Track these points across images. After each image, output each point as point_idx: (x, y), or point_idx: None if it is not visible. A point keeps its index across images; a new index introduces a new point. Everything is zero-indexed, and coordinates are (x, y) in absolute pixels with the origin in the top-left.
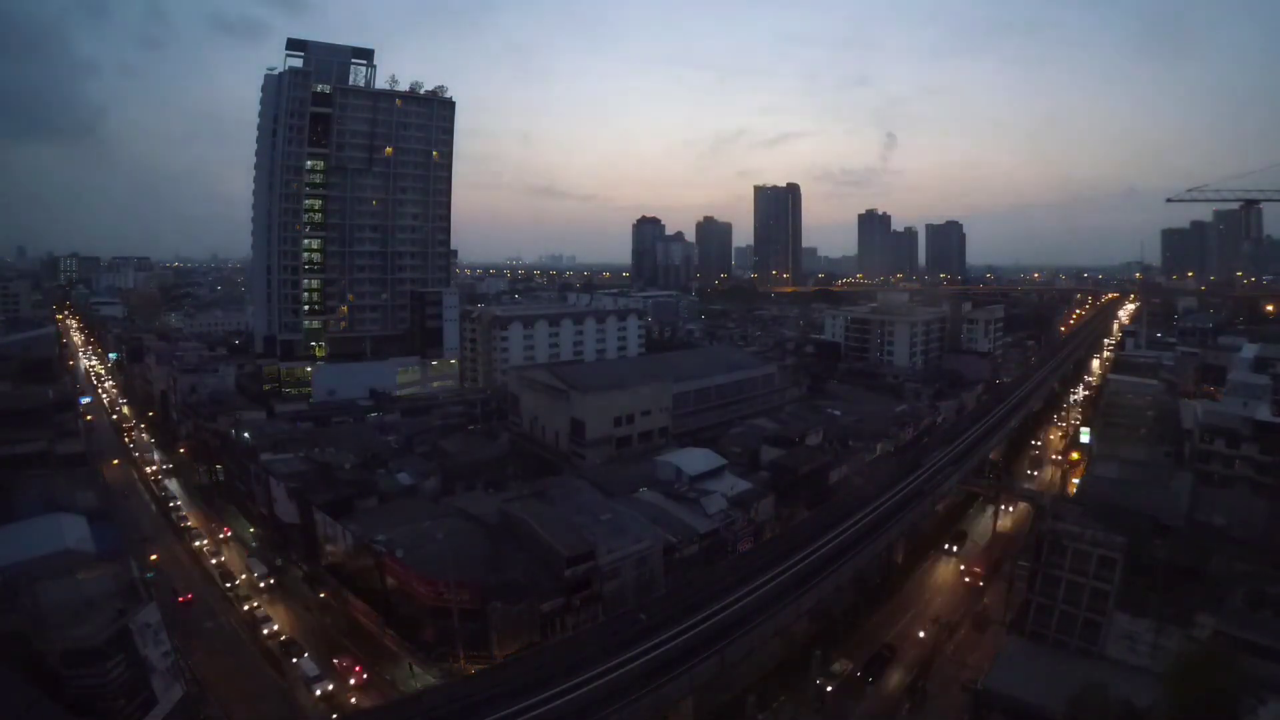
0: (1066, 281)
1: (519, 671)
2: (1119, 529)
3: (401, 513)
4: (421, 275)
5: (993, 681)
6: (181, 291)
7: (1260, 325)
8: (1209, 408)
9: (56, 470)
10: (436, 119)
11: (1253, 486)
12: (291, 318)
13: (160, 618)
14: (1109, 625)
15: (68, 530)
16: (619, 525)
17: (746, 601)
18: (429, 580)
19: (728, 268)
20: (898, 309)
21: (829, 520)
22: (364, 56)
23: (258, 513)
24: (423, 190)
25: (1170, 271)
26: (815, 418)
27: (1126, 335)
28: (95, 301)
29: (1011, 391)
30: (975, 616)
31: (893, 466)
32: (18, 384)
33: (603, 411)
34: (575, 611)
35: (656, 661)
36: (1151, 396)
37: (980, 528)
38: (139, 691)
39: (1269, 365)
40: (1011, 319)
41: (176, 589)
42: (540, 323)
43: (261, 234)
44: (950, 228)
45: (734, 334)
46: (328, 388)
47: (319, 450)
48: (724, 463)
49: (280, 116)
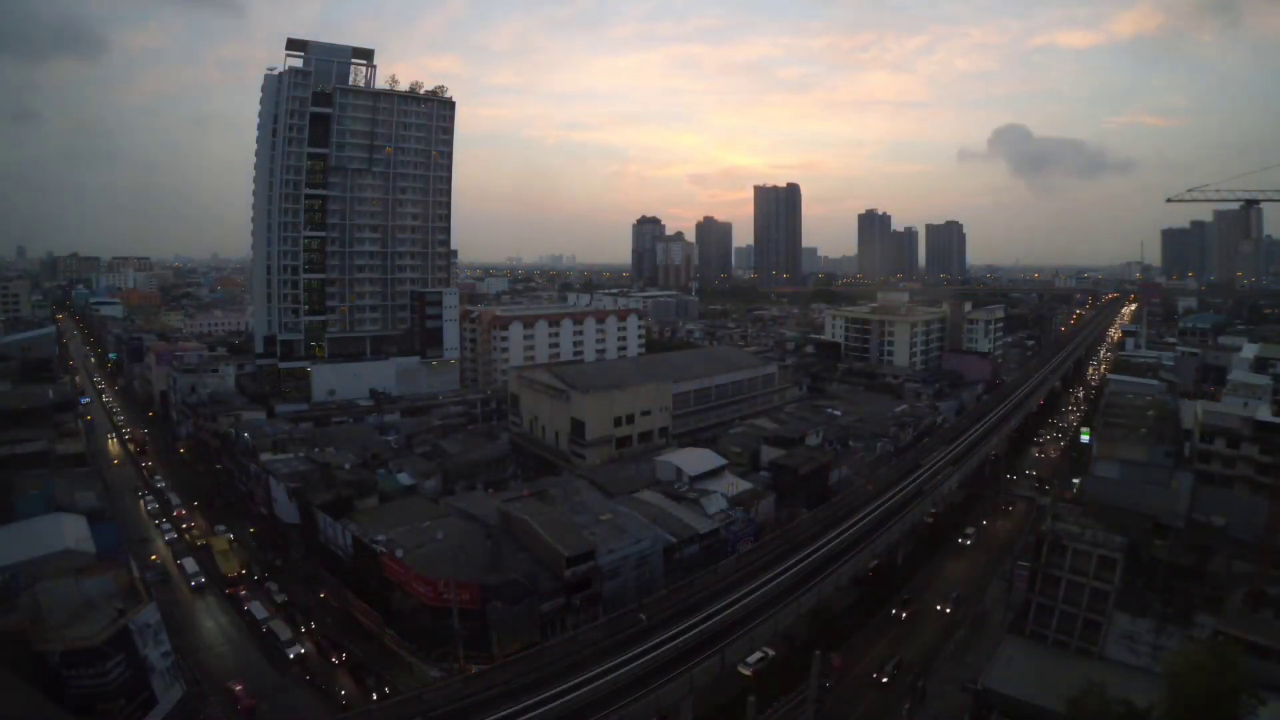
0: (1065, 281)
1: (519, 671)
2: (1119, 529)
3: (401, 513)
4: (421, 275)
5: (993, 681)
6: (181, 291)
7: (1260, 325)
8: (1209, 408)
9: (56, 470)
10: (436, 119)
11: (1253, 486)
12: (291, 318)
13: (160, 618)
14: (1109, 625)
15: (68, 530)
16: (619, 525)
17: (746, 602)
18: (429, 580)
19: (728, 268)
20: (897, 309)
21: (829, 520)
22: (364, 56)
23: (257, 513)
24: (423, 190)
25: (1170, 271)
26: (815, 418)
27: (1126, 335)
28: (95, 301)
29: (1011, 391)
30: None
31: (893, 467)
32: (18, 384)
33: (603, 411)
34: (575, 611)
35: (656, 662)
36: (1151, 396)
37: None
38: (139, 691)
39: (1269, 365)
40: (1011, 319)
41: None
42: (540, 323)
43: (261, 234)
44: (950, 228)
45: (734, 334)
46: (328, 388)
47: (319, 450)
48: (724, 463)
49: (280, 116)
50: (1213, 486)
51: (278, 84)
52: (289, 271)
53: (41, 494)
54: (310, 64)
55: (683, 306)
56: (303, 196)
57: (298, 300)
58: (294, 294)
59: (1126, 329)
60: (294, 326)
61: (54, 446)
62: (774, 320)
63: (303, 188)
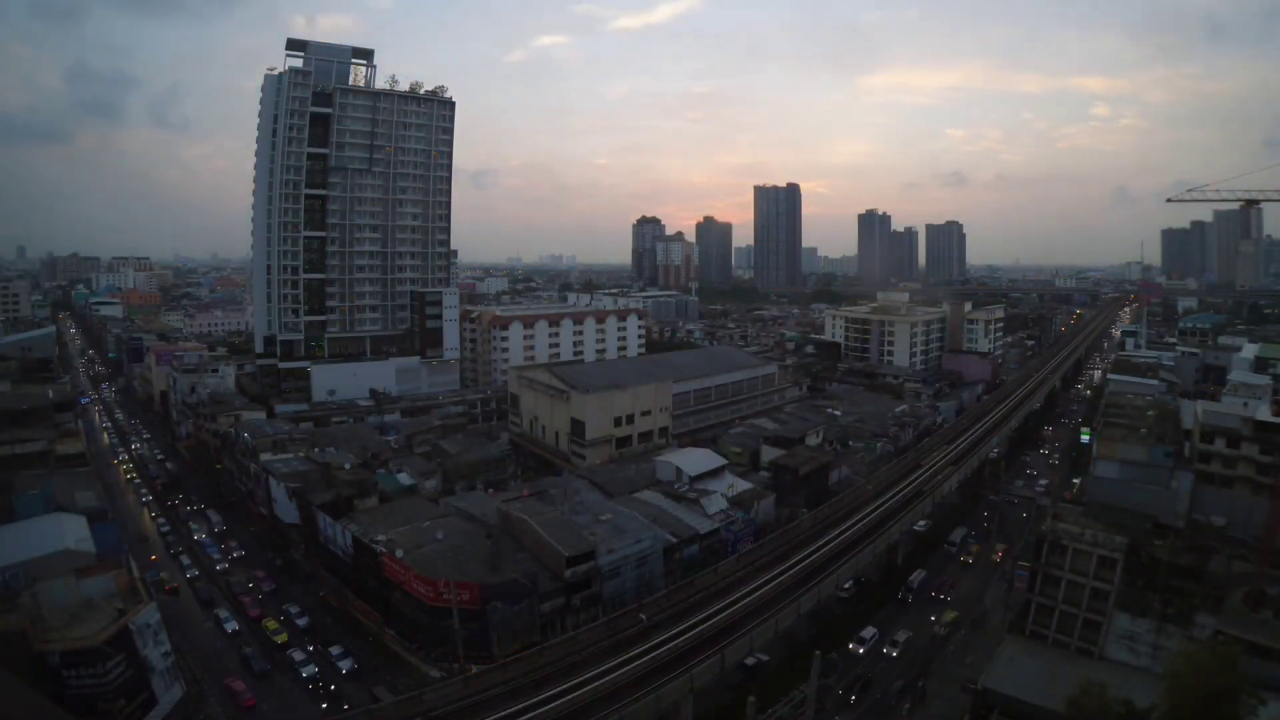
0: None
1: (519, 671)
2: (1119, 529)
3: (401, 513)
4: (421, 275)
5: (993, 681)
6: (181, 291)
7: (1260, 325)
8: (1209, 408)
9: (56, 470)
10: (436, 119)
11: (1253, 486)
12: (291, 318)
13: (160, 618)
14: (1109, 625)
15: (68, 530)
16: (619, 525)
17: (746, 602)
18: (429, 580)
19: (728, 268)
20: (897, 309)
21: (829, 520)
22: (364, 56)
23: (257, 513)
24: (423, 190)
25: (1170, 271)
26: (815, 418)
27: (1126, 335)
28: (95, 301)
29: (1011, 392)
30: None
31: (893, 467)
32: (18, 384)
33: (603, 411)
34: (575, 611)
35: (656, 662)
36: (1151, 396)
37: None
38: (139, 692)
39: (1269, 365)
40: (1011, 319)
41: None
42: (540, 323)
43: (261, 234)
44: (950, 228)
45: (734, 334)
46: (328, 388)
47: (319, 450)
48: (724, 463)
49: (280, 116)
50: (1213, 486)
51: (277, 84)
52: (289, 271)
53: (41, 494)
54: (310, 64)
55: (683, 306)
56: (303, 196)
57: (298, 300)
58: (294, 294)
59: (1126, 329)
60: (294, 326)
61: (54, 446)
62: (774, 320)
63: (303, 188)
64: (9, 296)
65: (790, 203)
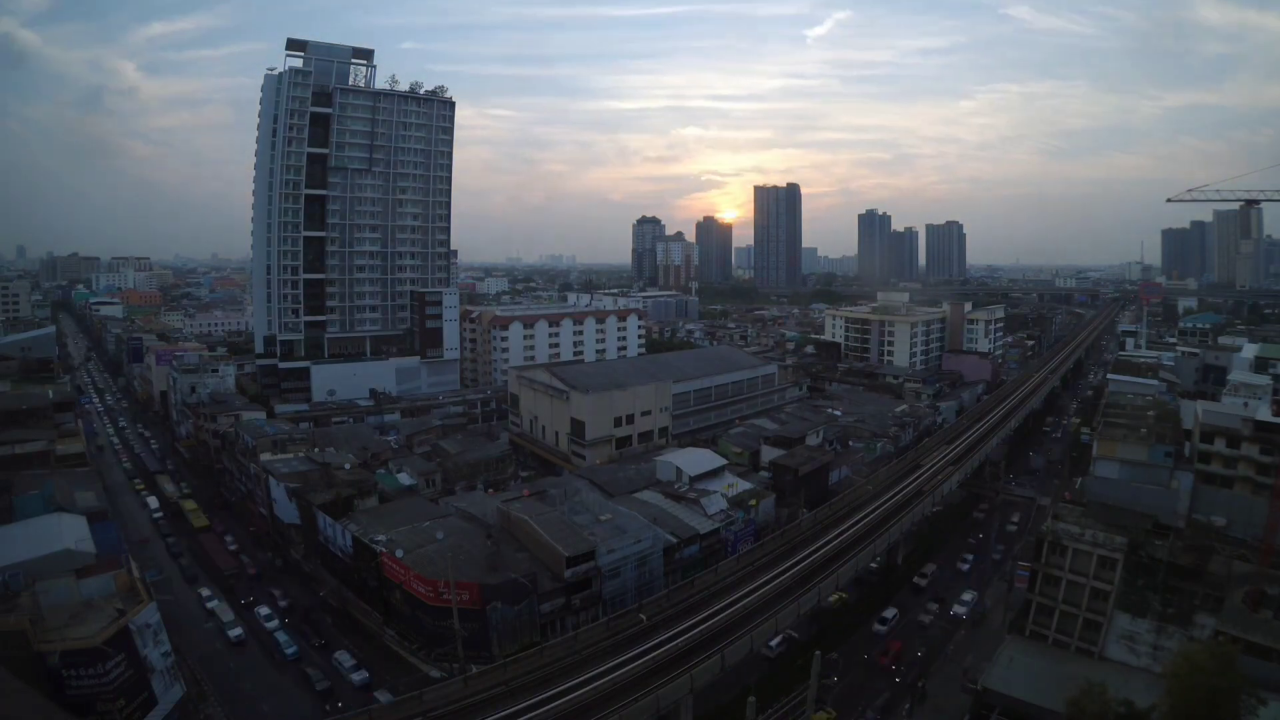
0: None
1: (519, 671)
2: (1119, 529)
3: (401, 513)
4: (421, 275)
5: (993, 681)
6: (181, 291)
7: (1260, 325)
8: (1209, 408)
9: (56, 470)
10: (436, 119)
11: (1253, 486)
12: (291, 318)
13: (160, 618)
14: (1109, 625)
15: (68, 530)
16: (619, 525)
17: (746, 602)
18: (429, 580)
19: (728, 268)
20: (897, 309)
21: (829, 521)
22: (364, 56)
23: (257, 513)
24: (423, 190)
25: (1170, 271)
26: (815, 418)
27: (1126, 335)
28: (95, 301)
29: (1012, 392)
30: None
31: (893, 467)
32: (18, 384)
33: (603, 411)
34: (575, 611)
35: (656, 662)
36: (1152, 396)
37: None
38: (139, 692)
39: (1269, 365)
40: (1011, 319)
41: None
42: (540, 323)
43: (261, 234)
44: (950, 228)
45: (734, 334)
46: (328, 388)
47: (319, 450)
48: (724, 463)
49: (280, 116)
50: (1213, 486)
51: (277, 84)
52: (289, 271)
53: (41, 494)
54: (310, 64)
55: (683, 306)
56: (303, 196)
57: (297, 300)
58: (294, 294)
59: (1126, 329)
60: (294, 326)
61: (54, 446)
62: (774, 320)
63: (303, 188)
64: (9, 296)
65: (790, 203)
